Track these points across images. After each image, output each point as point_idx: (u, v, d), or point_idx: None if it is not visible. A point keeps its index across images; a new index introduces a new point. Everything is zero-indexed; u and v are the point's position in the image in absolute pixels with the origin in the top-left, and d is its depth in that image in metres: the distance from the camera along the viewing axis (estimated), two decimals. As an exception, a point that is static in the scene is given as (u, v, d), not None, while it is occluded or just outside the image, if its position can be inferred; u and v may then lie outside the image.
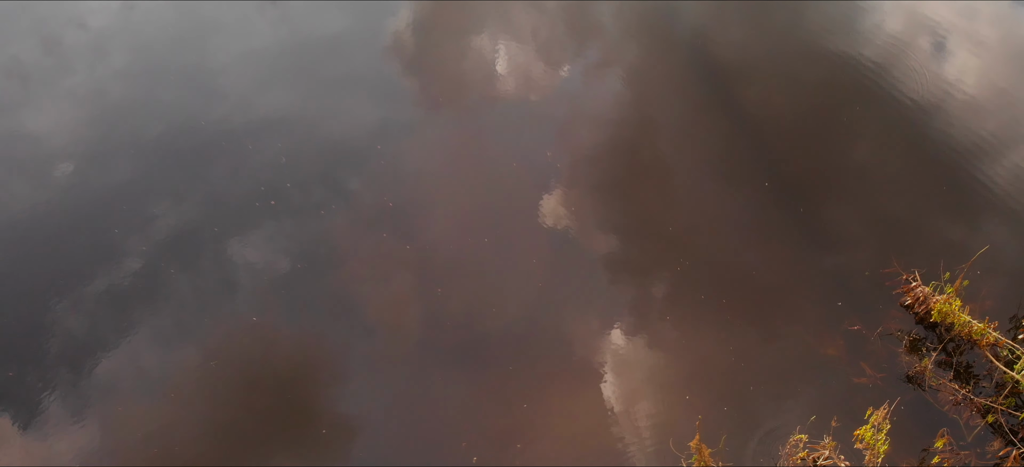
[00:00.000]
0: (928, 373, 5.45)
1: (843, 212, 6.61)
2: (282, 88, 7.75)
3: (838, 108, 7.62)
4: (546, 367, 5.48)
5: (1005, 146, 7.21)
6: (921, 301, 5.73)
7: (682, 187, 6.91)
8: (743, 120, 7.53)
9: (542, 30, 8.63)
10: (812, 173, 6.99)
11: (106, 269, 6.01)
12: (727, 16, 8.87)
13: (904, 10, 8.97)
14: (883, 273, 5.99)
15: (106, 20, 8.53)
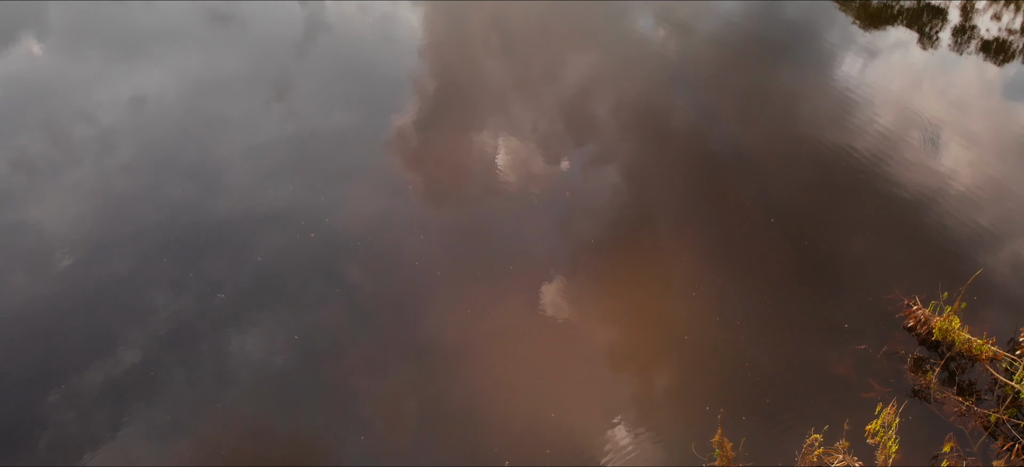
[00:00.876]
0: (933, 387, 5.89)
1: (846, 303, 6.61)
2: (285, 181, 7.87)
3: (834, 199, 7.73)
4: (548, 462, 5.37)
5: (1003, 237, 7.29)
6: (922, 322, 6.26)
7: (682, 276, 6.92)
8: (741, 211, 7.61)
9: (542, 125, 8.83)
10: (811, 261, 7.02)
11: (102, 361, 5.97)
12: (722, 111, 9.10)
13: (895, 105, 9.21)
14: (886, 299, 6.50)
15: (115, 115, 8.74)
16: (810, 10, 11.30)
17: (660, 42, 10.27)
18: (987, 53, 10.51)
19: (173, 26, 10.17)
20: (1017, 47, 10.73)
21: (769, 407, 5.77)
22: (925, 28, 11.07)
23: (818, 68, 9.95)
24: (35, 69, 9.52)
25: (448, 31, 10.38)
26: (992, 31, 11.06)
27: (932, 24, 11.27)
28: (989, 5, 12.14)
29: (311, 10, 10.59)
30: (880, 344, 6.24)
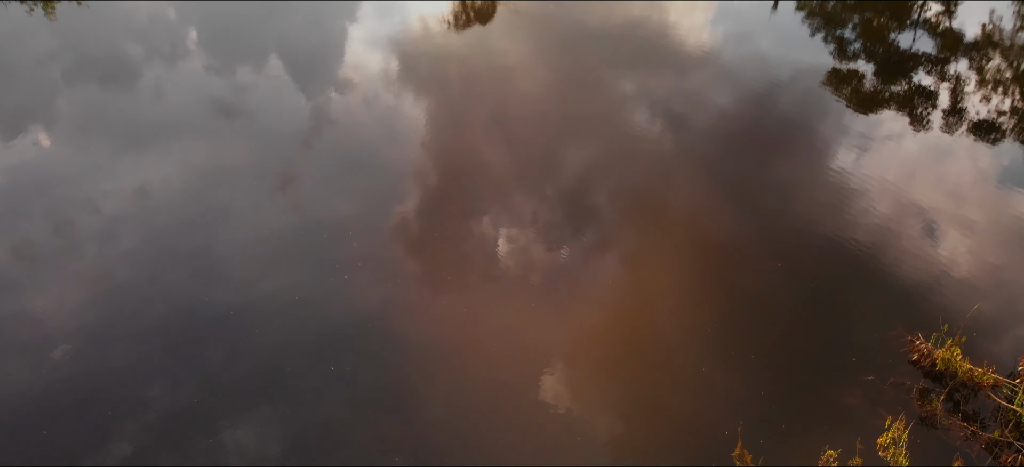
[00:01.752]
0: (938, 413, 6.35)
1: (852, 339, 6.72)
2: (285, 272, 7.91)
3: (833, 288, 7.76)
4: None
5: (1003, 326, 7.38)
6: (926, 355, 6.74)
7: (684, 366, 6.88)
8: (741, 300, 7.62)
9: (542, 214, 8.93)
10: (812, 352, 7.00)
11: (95, 453, 5.84)
12: (719, 202, 9.23)
13: (891, 195, 9.35)
14: (890, 335, 7.07)
15: (119, 204, 8.85)
16: (805, 96, 11.63)
17: (657, 133, 10.51)
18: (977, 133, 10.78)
19: (181, 118, 10.44)
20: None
21: (784, 432, 6.15)
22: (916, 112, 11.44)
23: (815, 155, 10.15)
24: (42, 159, 9.71)
25: (450, 123, 10.66)
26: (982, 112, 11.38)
27: (923, 107, 11.68)
28: (978, 88, 12.54)
29: (317, 104, 10.90)
30: (887, 376, 6.68)
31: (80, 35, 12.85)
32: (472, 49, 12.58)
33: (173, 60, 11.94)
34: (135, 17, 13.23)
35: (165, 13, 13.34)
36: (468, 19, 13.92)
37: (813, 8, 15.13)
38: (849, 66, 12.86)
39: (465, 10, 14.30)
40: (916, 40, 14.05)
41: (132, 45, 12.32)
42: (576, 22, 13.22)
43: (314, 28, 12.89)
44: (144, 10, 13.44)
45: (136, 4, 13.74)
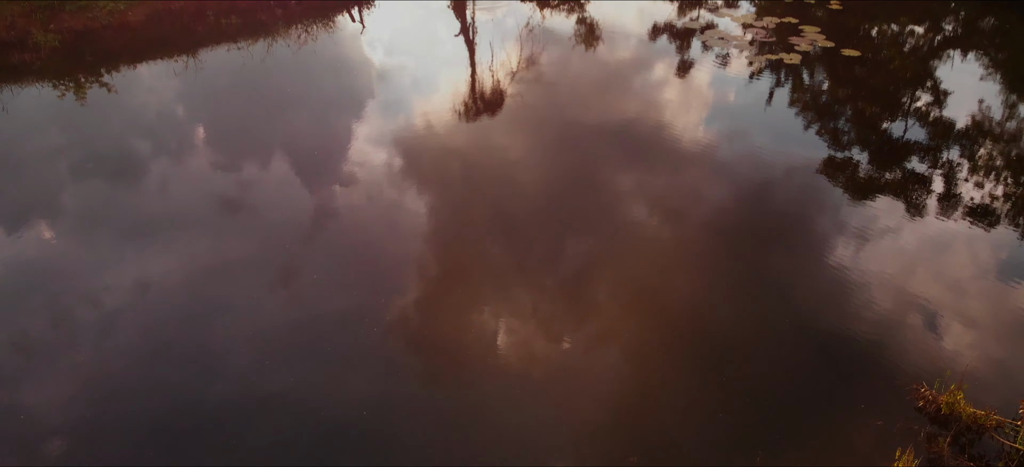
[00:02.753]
0: (945, 454, 6.77)
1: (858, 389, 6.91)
2: (284, 367, 7.89)
3: (837, 383, 7.73)
4: None
5: (1002, 373, 7.94)
6: (930, 400, 7.28)
7: (687, 462, 6.78)
8: (744, 396, 7.57)
9: (542, 306, 8.95)
10: (818, 451, 6.92)
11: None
12: (719, 296, 9.29)
13: (892, 289, 9.40)
14: (895, 384, 7.65)
15: (119, 299, 8.88)
16: (801, 190, 11.79)
17: (655, 227, 10.63)
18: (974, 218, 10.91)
19: (185, 213, 10.56)
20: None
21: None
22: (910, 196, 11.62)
23: (813, 249, 10.25)
24: (44, 252, 9.78)
25: (451, 217, 10.79)
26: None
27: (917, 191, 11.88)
28: (971, 174, 12.74)
29: (321, 199, 11.04)
30: (893, 422, 7.16)
31: (87, 129, 13.14)
32: (473, 145, 12.85)
33: (179, 156, 12.18)
34: (144, 114, 13.57)
35: (174, 111, 13.66)
36: (478, 109, 14.25)
37: (806, 102, 15.48)
38: (843, 155, 13.10)
39: (474, 101, 14.65)
40: (908, 129, 14.34)
41: (140, 141, 12.57)
42: (573, 121, 13.54)
43: (320, 126, 13.21)
44: (153, 107, 13.75)
45: (146, 101, 14.06)
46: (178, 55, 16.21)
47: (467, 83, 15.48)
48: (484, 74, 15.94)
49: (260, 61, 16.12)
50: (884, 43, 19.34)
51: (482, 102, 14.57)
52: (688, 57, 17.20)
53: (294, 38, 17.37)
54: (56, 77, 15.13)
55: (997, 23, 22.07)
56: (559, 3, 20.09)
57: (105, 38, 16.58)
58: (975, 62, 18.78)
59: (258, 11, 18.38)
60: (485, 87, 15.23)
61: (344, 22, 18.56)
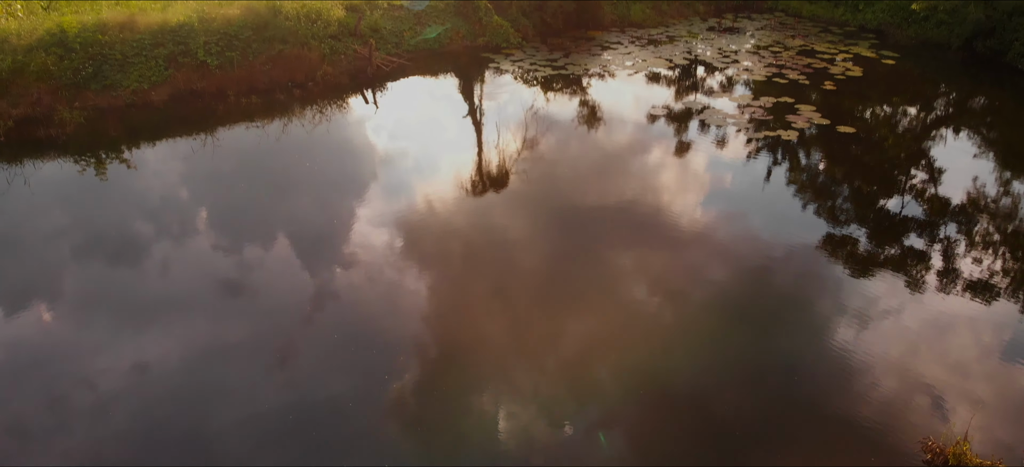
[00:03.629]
0: None
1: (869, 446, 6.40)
2: (279, 451, 7.46)
3: (845, 450, 7.31)
4: None
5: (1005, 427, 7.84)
6: (938, 453, 7.34)
7: None
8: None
9: (543, 388, 8.53)
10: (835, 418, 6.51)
11: None
12: (723, 379, 8.84)
13: (896, 371, 8.92)
14: (904, 439, 7.70)
15: (115, 382, 8.56)
16: (800, 272, 11.40)
17: (656, 309, 10.24)
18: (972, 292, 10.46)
19: (184, 295, 10.28)
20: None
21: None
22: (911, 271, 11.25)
23: (815, 331, 9.81)
24: (42, 334, 9.47)
25: (451, 298, 10.45)
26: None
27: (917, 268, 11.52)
28: (967, 249, 12.37)
29: (322, 280, 10.74)
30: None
31: (90, 211, 12.97)
32: (473, 226, 12.58)
33: (181, 238, 11.94)
34: (148, 197, 13.39)
35: (178, 193, 13.50)
36: (484, 187, 14.04)
37: (804, 181, 15.19)
38: (842, 233, 12.74)
39: (480, 180, 14.46)
40: (905, 206, 14.01)
41: (142, 223, 12.37)
42: (572, 202, 13.25)
43: (321, 209, 12.97)
44: (157, 190, 13.58)
45: (149, 185, 13.94)
46: (197, 133, 16.20)
47: (474, 163, 15.32)
48: (490, 154, 15.79)
49: (275, 140, 16.08)
50: (878, 123, 19.16)
51: (488, 181, 14.36)
52: (686, 137, 17.02)
53: (309, 118, 17.37)
54: (78, 153, 15.11)
55: (987, 102, 21.91)
56: (562, 86, 20.11)
57: (128, 116, 16.62)
58: (968, 140, 18.53)
59: (277, 91, 18.46)
60: (491, 167, 15.05)
61: (357, 103, 18.58)
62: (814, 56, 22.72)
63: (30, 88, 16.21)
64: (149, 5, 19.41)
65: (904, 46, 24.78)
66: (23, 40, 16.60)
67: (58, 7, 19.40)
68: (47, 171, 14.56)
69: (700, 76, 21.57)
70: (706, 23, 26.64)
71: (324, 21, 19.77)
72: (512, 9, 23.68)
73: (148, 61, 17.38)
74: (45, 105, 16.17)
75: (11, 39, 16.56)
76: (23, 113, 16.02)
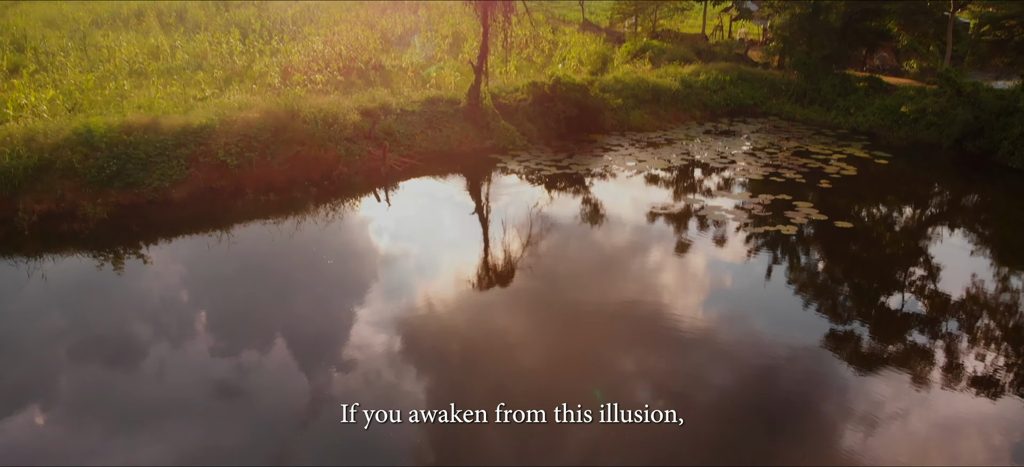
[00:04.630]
0: None
1: None
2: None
3: None
4: None
5: None
6: None
7: None
8: None
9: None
10: None
11: None
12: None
13: None
14: None
15: None
16: (805, 374, 10.94)
17: (659, 413, 9.75)
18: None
19: (179, 399, 9.93)
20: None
21: None
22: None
23: (820, 435, 9.28)
24: (35, 438, 9.08)
25: (450, 400, 9.97)
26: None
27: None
28: (970, 346, 11.93)
29: (319, 383, 10.35)
30: None
31: (100, 309, 12.76)
32: (473, 326, 12.25)
33: (179, 341, 11.63)
34: (147, 299, 13.15)
35: (178, 296, 13.28)
36: (490, 282, 13.77)
37: (804, 280, 14.86)
38: (844, 331, 12.32)
39: (487, 275, 14.23)
40: (905, 303, 13.64)
41: (140, 325, 12.10)
42: (574, 302, 12.89)
43: (320, 311, 12.68)
44: (157, 292, 13.37)
45: (163, 282, 13.78)
46: (213, 230, 16.16)
47: (479, 261, 15.10)
48: (495, 251, 15.60)
49: (288, 237, 16.01)
50: (875, 220, 18.96)
51: (493, 278, 14.09)
52: (686, 236, 16.77)
53: (322, 216, 17.35)
54: (97, 248, 15.04)
55: (980, 199, 21.74)
56: (565, 185, 20.13)
57: (149, 212, 16.65)
58: (964, 237, 18.25)
59: (294, 189, 18.53)
60: (496, 264, 14.82)
61: (370, 201, 18.60)
62: (809, 157, 22.76)
63: (55, 184, 16.33)
64: (172, 107, 19.81)
65: (896, 147, 24.84)
66: (49, 139, 16.85)
67: (83, 108, 19.84)
68: (66, 265, 14.47)
69: (698, 177, 21.58)
70: (702, 127, 26.91)
71: (340, 125, 20.04)
72: (518, 114, 24.03)
73: (170, 160, 17.55)
74: (69, 201, 16.25)
75: (38, 137, 16.82)
76: (46, 208, 16.08)
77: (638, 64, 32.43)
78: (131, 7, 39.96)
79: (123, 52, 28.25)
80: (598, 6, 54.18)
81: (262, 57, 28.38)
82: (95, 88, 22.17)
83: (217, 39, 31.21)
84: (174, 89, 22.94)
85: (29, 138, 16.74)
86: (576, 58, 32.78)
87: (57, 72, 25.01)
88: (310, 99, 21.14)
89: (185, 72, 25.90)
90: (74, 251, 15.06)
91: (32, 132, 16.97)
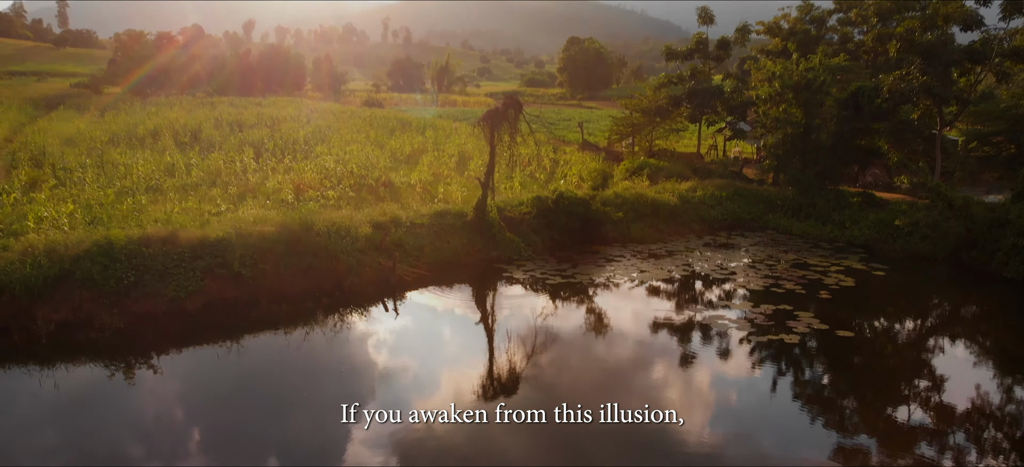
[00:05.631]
0: None
1: None
2: None
3: None
4: None
5: None
6: None
7: None
8: None
9: None
10: None
11: None
12: None
13: None
14: None
15: None
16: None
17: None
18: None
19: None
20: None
21: None
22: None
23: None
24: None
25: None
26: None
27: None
28: (980, 458, 12.06)
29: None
30: None
31: (94, 425, 12.92)
32: (474, 447, 12.27)
33: (172, 460, 11.77)
34: (141, 417, 13.37)
35: (173, 413, 13.53)
36: (495, 393, 13.92)
37: (809, 394, 15.04)
38: (851, 445, 12.45)
39: (491, 385, 14.41)
40: (912, 415, 13.82)
41: (134, 445, 12.26)
42: (575, 421, 12.73)
43: (317, 429, 12.76)
44: (150, 410, 13.62)
45: (142, 404, 13.96)
46: (224, 341, 16.52)
47: (483, 372, 15.36)
48: (500, 361, 15.88)
49: (296, 348, 16.38)
50: (875, 331, 19.33)
51: (497, 389, 14.30)
52: (690, 348, 17.04)
53: (330, 326, 17.74)
54: (111, 358, 15.37)
55: (979, 310, 22.17)
56: (569, 295, 20.63)
57: (164, 323, 17.04)
58: (965, 349, 18.58)
59: (306, 299, 19.00)
60: (501, 375, 15.07)
61: (378, 311, 19.03)
62: (808, 268, 23.38)
63: (74, 294, 16.82)
64: (189, 221, 20.59)
65: (892, 259, 25.52)
66: (70, 250, 17.48)
67: (102, 221, 20.62)
68: (79, 375, 14.76)
69: (700, 288, 22.11)
70: (702, 240, 27.71)
71: (352, 237, 20.78)
72: (523, 226, 24.87)
73: (186, 272, 18.11)
74: (86, 311, 16.68)
75: (59, 248, 17.47)
76: (64, 317, 16.50)
77: (637, 181, 33.69)
78: (147, 126, 41.82)
79: (140, 169, 29.46)
80: (596, 127, 56.55)
81: (275, 174, 29.58)
82: (114, 203, 23.09)
83: (231, 157, 32.59)
84: (190, 204, 23.89)
85: (50, 249, 17.39)
86: (577, 174, 34.10)
87: (75, 187, 26.06)
88: (323, 213, 22.03)
89: (200, 188, 26.98)
90: (88, 360, 15.40)
91: (53, 243, 17.64)
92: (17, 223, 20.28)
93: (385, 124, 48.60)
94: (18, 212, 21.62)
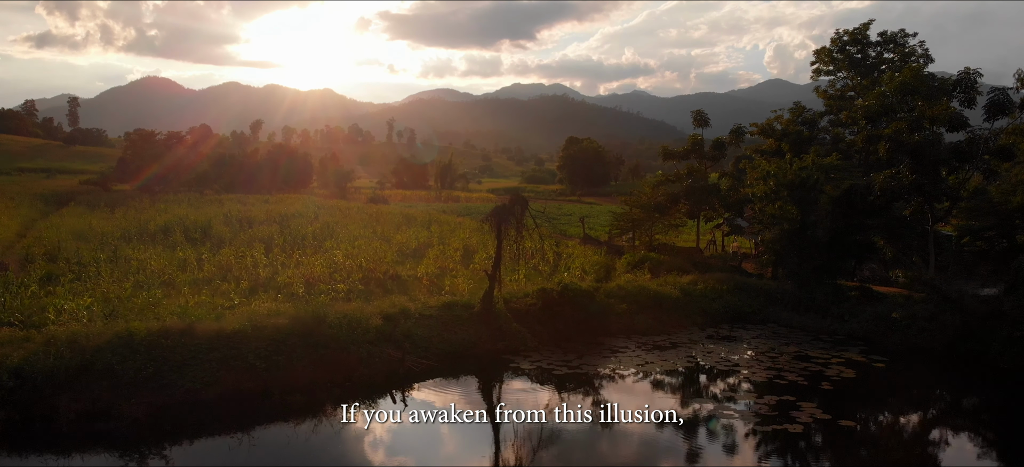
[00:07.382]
0: None
1: None
2: None
3: None
4: None
5: None
6: None
7: None
8: None
9: None
10: None
11: None
12: None
13: None
14: None
15: None
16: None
17: None
18: None
19: None
20: None
21: None
22: None
23: None
24: None
25: None
26: None
27: None
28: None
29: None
30: None
31: None
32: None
33: None
34: None
35: None
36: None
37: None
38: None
39: None
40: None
41: None
42: None
43: None
44: None
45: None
46: (236, 432, 16.93)
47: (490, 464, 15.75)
48: (506, 456, 16.26)
49: (304, 441, 16.77)
50: (878, 423, 19.68)
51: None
52: (696, 443, 17.33)
53: (338, 418, 18.11)
54: (125, 449, 15.75)
55: (978, 401, 22.53)
56: (574, 386, 21.07)
57: (178, 413, 17.45)
58: (968, 440, 18.90)
59: (317, 390, 19.43)
60: None
61: (386, 403, 19.42)
62: (809, 360, 23.87)
63: (94, 385, 17.32)
64: (203, 314, 21.27)
65: (892, 351, 26.02)
66: (92, 341, 18.10)
67: (120, 314, 21.31)
68: (94, 464, 15.08)
69: (704, 381, 22.56)
70: (704, 332, 28.26)
71: (363, 328, 21.42)
72: (529, 317, 25.52)
73: (202, 363, 18.67)
74: (105, 401, 17.14)
75: (80, 340, 18.08)
76: (83, 408, 16.93)
77: (638, 274, 34.53)
78: (157, 223, 43.05)
79: (153, 263, 30.35)
80: (596, 221, 57.96)
81: (285, 268, 30.45)
82: (130, 296, 23.83)
83: (241, 252, 33.56)
84: (203, 298, 24.62)
85: (72, 340, 18.01)
86: (579, 267, 34.99)
87: (91, 281, 26.86)
88: (335, 306, 22.75)
89: (213, 282, 27.78)
90: (104, 450, 15.76)
91: (75, 335, 18.28)
92: (37, 315, 20.97)
93: (391, 219, 49.95)
94: (37, 304, 22.34)
